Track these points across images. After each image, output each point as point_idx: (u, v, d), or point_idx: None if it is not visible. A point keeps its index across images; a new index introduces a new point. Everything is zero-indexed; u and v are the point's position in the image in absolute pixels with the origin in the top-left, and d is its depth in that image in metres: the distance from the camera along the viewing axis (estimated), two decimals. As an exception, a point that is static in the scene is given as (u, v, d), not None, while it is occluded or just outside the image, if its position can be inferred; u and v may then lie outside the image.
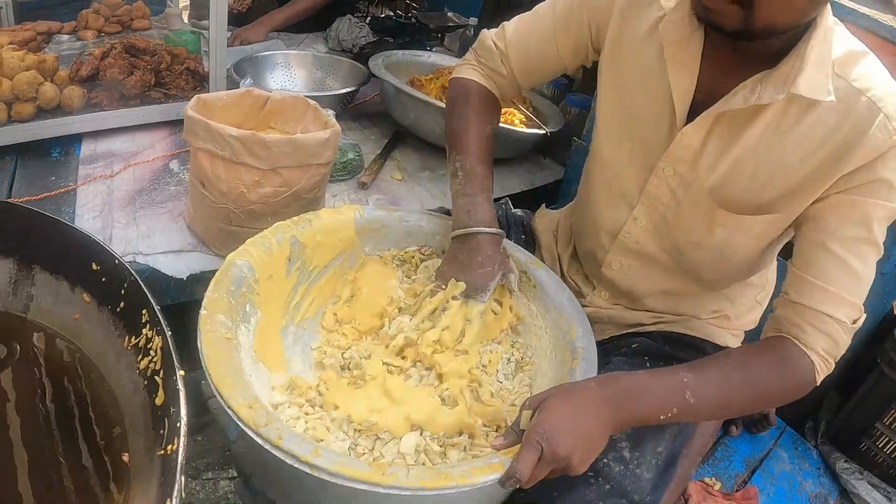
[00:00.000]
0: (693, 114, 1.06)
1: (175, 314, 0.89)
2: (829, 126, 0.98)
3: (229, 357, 0.95)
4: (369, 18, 3.00)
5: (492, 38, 1.32)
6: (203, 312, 0.99)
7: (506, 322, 1.24)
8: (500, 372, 1.20)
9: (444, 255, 1.24)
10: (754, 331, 1.37)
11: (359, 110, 2.40)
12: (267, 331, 1.14)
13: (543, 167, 2.30)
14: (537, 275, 1.26)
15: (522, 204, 1.69)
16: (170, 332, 0.85)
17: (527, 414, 0.93)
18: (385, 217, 1.34)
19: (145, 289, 0.91)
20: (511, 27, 1.30)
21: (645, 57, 1.11)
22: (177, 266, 1.49)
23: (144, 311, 0.91)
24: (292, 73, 2.39)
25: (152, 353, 0.88)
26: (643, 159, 1.15)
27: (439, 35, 2.89)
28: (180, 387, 0.78)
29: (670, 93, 1.07)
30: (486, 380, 1.16)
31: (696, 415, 1.00)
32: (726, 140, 1.05)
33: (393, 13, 3.54)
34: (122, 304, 0.96)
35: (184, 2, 3.12)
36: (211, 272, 1.09)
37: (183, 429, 0.73)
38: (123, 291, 0.95)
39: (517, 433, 0.93)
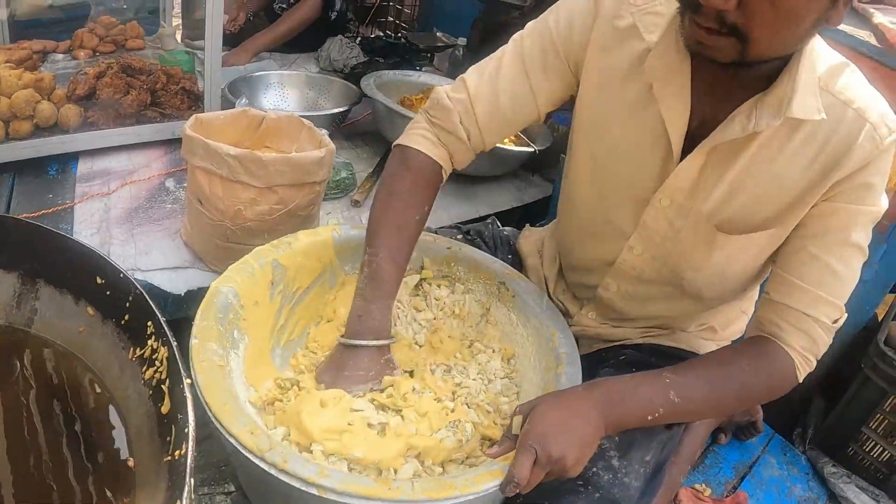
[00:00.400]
0: (687, 140, 1.05)
1: (173, 330, 0.91)
2: (820, 140, 1.00)
3: (225, 384, 0.96)
4: (360, 39, 3.05)
5: (447, 94, 1.18)
6: (194, 341, 1.00)
7: (457, 342, 1.27)
8: (489, 382, 1.21)
9: (329, 354, 1.18)
10: (739, 340, 1.40)
11: (351, 129, 2.44)
12: (256, 356, 1.14)
13: (532, 184, 2.35)
14: (514, 285, 1.29)
15: (511, 220, 1.72)
16: (175, 343, 0.87)
17: (518, 420, 0.96)
18: (362, 236, 1.36)
19: (150, 301, 0.93)
20: (473, 79, 1.18)
21: (629, 93, 1.09)
22: (174, 282, 1.52)
23: (150, 323, 0.93)
24: (285, 93, 2.43)
25: (157, 363, 0.90)
26: (634, 193, 1.13)
27: (429, 55, 2.94)
28: (187, 394, 0.80)
29: (662, 126, 1.05)
30: (477, 388, 1.18)
31: (683, 414, 1.03)
32: (723, 166, 1.05)
33: (383, 34, 3.61)
34: (126, 317, 0.98)
35: (176, 21, 3.15)
36: (207, 289, 1.11)
37: (191, 434, 0.75)
38: (128, 304, 0.97)
39: (511, 439, 0.95)
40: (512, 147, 2.16)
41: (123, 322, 0.99)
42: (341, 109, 2.21)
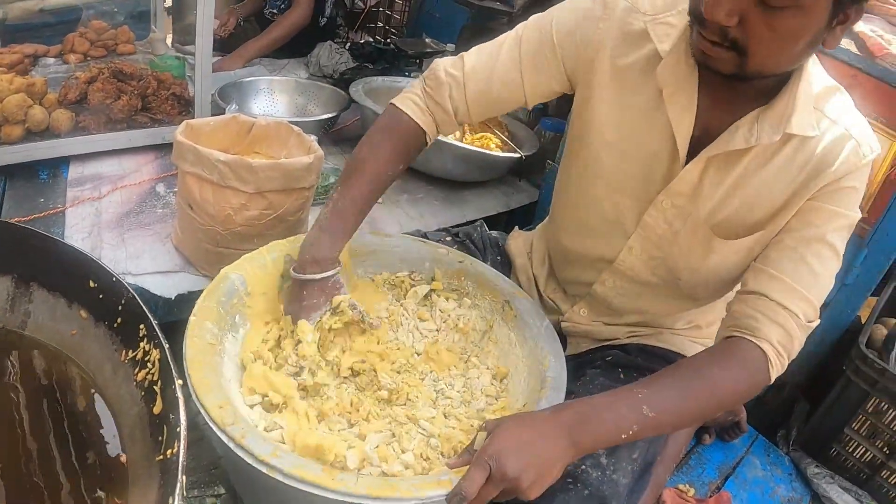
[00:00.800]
0: (692, 145, 1.11)
1: (164, 333, 0.93)
2: (808, 152, 1.07)
3: (210, 361, 1.01)
4: (349, 44, 3.07)
5: (445, 68, 1.25)
6: (192, 318, 1.05)
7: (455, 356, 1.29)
8: (472, 398, 1.22)
9: (288, 286, 1.23)
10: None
11: (340, 135, 2.45)
12: (256, 342, 1.18)
13: (519, 189, 2.37)
14: (519, 305, 1.31)
15: (498, 225, 1.73)
16: (167, 345, 0.89)
17: (481, 435, 0.96)
18: (377, 242, 1.39)
19: (143, 305, 0.95)
20: (471, 58, 1.24)
21: (640, 96, 1.14)
22: (165, 286, 1.53)
23: (142, 326, 0.95)
24: (275, 98, 2.45)
25: (150, 365, 0.92)
26: (640, 193, 1.18)
27: (417, 61, 2.96)
28: (179, 395, 0.82)
29: (670, 130, 1.11)
30: (458, 401, 1.20)
31: (658, 428, 1.02)
32: (722, 172, 1.11)
33: (372, 39, 3.62)
34: (119, 320, 1.00)
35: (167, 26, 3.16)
36: (198, 292, 1.12)
37: (183, 433, 0.77)
38: (120, 308, 0.99)
39: (471, 453, 0.96)
40: (499, 153, 2.18)
41: (116, 325, 1.01)
42: (330, 115, 2.23)
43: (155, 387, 0.89)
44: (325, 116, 2.21)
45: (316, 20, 3.05)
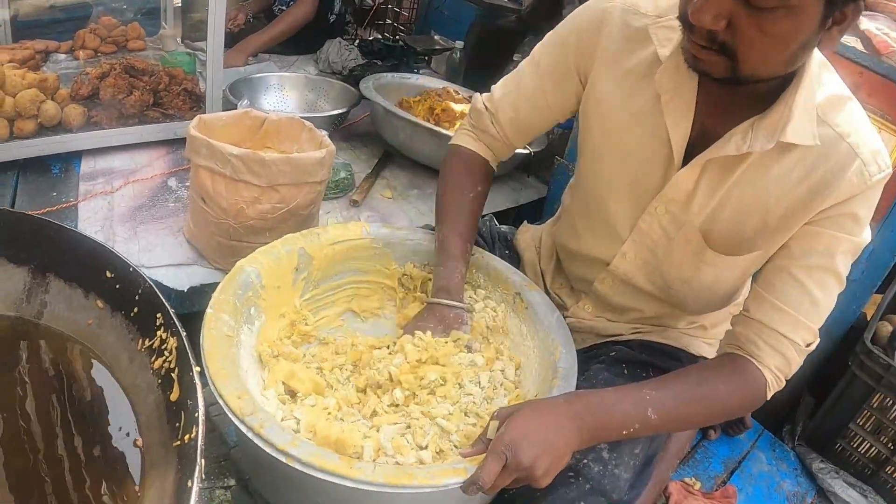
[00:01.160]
0: (687, 154, 1.11)
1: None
2: (808, 165, 1.04)
3: (227, 352, 1.02)
4: (358, 41, 3.08)
5: (482, 101, 1.36)
6: (209, 311, 1.06)
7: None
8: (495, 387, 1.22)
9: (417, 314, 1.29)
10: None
11: (350, 131, 2.47)
12: (271, 334, 1.20)
13: (527, 185, 2.38)
14: (530, 297, 1.31)
15: (507, 220, 1.74)
16: (185, 333, 0.91)
17: (494, 424, 0.97)
18: (390, 235, 1.40)
19: (160, 294, 0.96)
20: (498, 90, 1.34)
21: (638, 101, 1.14)
22: (178, 279, 1.55)
23: (159, 315, 0.96)
24: (285, 94, 2.46)
25: (167, 353, 0.93)
26: (635, 197, 1.19)
27: (426, 58, 2.97)
28: (196, 381, 0.83)
29: (666, 136, 1.10)
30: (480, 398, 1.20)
31: (655, 429, 1.04)
32: (717, 179, 1.10)
33: (381, 36, 3.63)
34: (136, 309, 1.01)
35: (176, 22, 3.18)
36: (211, 285, 1.15)
37: (201, 417, 0.78)
38: (137, 297, 1.00)
39: (485, 443, 0.97)
40: (508, 149, 2.18)
41: (132, 314, 1.02)
42: (340, 111, 2.24)
43: (172, 374, 0.90)
44: (336, 112, 2.22)
45: (325, 17, 3.07)
